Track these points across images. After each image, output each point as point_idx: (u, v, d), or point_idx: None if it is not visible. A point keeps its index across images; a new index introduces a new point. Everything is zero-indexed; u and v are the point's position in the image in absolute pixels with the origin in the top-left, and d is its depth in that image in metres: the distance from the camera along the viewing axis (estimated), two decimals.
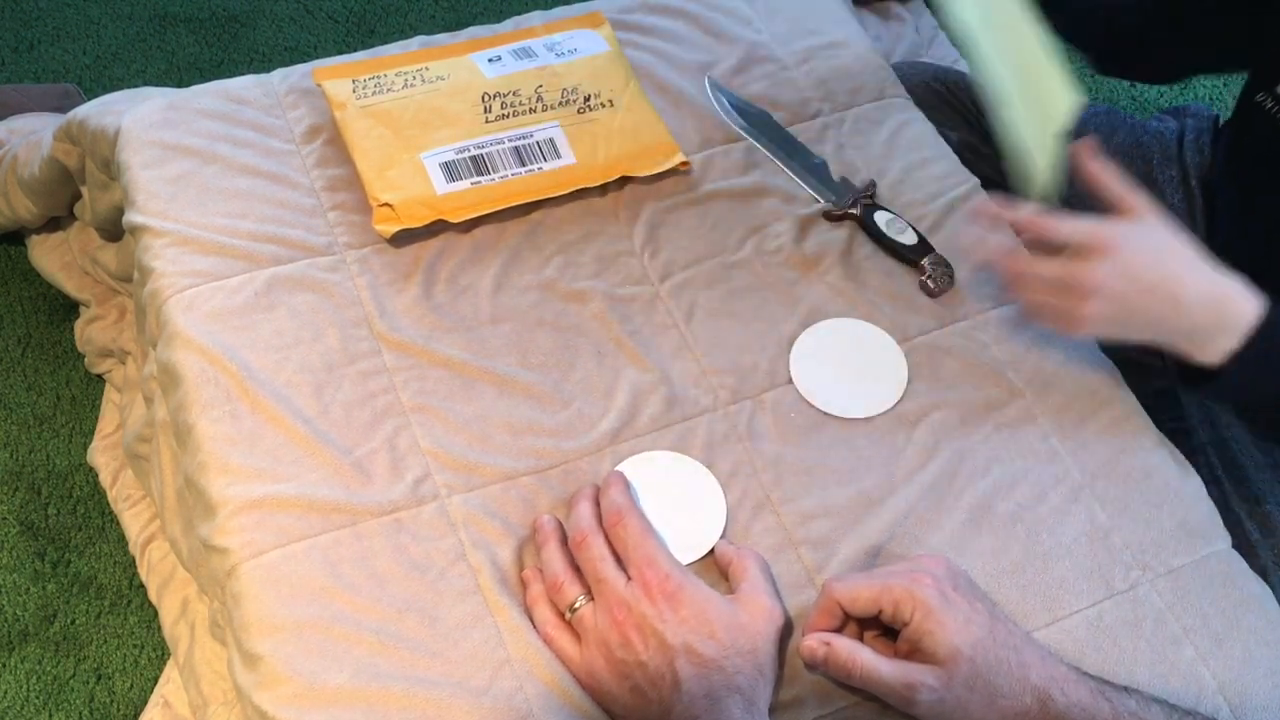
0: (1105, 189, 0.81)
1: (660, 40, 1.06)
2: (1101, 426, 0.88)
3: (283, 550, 0.75)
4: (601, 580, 0.72)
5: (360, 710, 0.70)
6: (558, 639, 0.73)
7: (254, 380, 0.81)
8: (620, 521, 0.74)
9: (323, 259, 0.89)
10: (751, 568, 0.75)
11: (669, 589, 0.69)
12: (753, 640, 0.69)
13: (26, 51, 1.57)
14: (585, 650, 0.71)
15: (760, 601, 0.72)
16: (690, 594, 0.70)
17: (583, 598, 0.73)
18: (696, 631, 0.68)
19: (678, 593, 0.69)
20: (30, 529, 1.21)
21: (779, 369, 0.88)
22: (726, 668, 0.67)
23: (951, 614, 0.69)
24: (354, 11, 1.68)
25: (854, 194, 0.97)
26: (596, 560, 0.73)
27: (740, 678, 0.67)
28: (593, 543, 0.74)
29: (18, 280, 1.37)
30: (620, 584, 0.71)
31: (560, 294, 0.90)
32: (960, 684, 0.68)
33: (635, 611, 0.69)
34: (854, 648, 0.70)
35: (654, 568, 0.71)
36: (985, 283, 0.95)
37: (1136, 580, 0.81)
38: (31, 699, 1.12)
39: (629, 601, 0.70)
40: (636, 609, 0.69)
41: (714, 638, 0.68)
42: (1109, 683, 0.72)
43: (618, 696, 0.70)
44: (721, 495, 0.81)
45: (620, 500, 0.76)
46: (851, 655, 0.69)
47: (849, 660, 0.69)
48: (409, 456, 0.80)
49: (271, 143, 0.95)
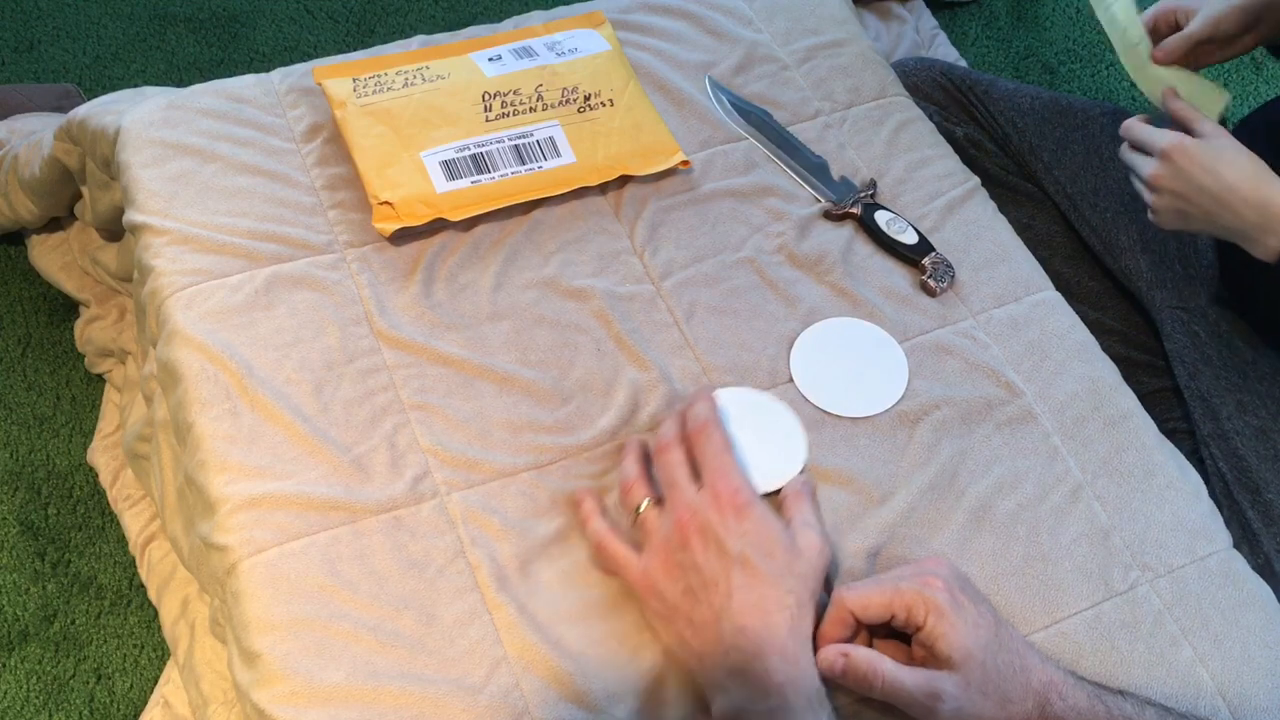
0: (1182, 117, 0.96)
1: (661, 40, 1.06)
2: (1102, 425, 0.88)
3: (282, 548, 0.75)
4: (674, 485, 0.74)
5: (357, 708, 0.70)
6: (612, 545, 0.74)
7: (254, 378, 0.81)
8: (702, 432, 0.76)
9: (322, 257, 0.89)
10: (805, 503, 0.76)
11: (738, 502, 0.71)
12: (807, 566, 0.71)
13: (26, 51, 1.57)
14: (645, 552, 0.73)
15: (811, 537, 0.73)
16: (758, 512, 0.71)
17: (648, 500, 0.74)
18: (757, 546, 0.69)
19: (746, 507, 0.71)
20: (30, 529, 1.21)
21: (779, 367, 0.88)
22: (781, 586, 0.68)
23: (962, 616, 0.69)
24: (354, 11, 1.68)
25: (854, 193, 0.97)
26: (673, 465, 0.75)
27: (791, 598, 0.68)
28: (673, 450, 0.76)
29: (18, 280, 1.37)
30: (691, 490, 0.73)
31: (560, 292, 0.90)
32: (975, 688, 0.68)
33: (700, 516, 0.71)
34: (874, 658, 0.69)
35: (726, 479, 0.72)
36: (986, 282, 0.95)
37: (1135, 581, 0.81)
38: (31, 699, 1.12)
39: (696, 506, 0.71)
40: (702, 514, 0.71)
41: (772, 556, 0.69)
42: (1105, 686, 0.73)
43: (669, 598, 0.71)
44: (804, 437, 0.83)
45: (705, 413, 0.77)
46: (873, 666, 0.68)
47: (870, 671, 0.68)
48: (408, 454, 0.80)
49: (271, 141, 0.95)
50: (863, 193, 0.97)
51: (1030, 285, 0.95)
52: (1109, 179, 1.15)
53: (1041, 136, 1.17)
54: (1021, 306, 0.94)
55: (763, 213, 0.96)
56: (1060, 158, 1.16)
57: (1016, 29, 1.79)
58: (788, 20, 1.10)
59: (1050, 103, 1.19)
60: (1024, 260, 0.97)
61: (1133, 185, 0.98)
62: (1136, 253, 1.11)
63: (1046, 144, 1.17)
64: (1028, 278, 0.96)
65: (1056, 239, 1.16)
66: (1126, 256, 1.12)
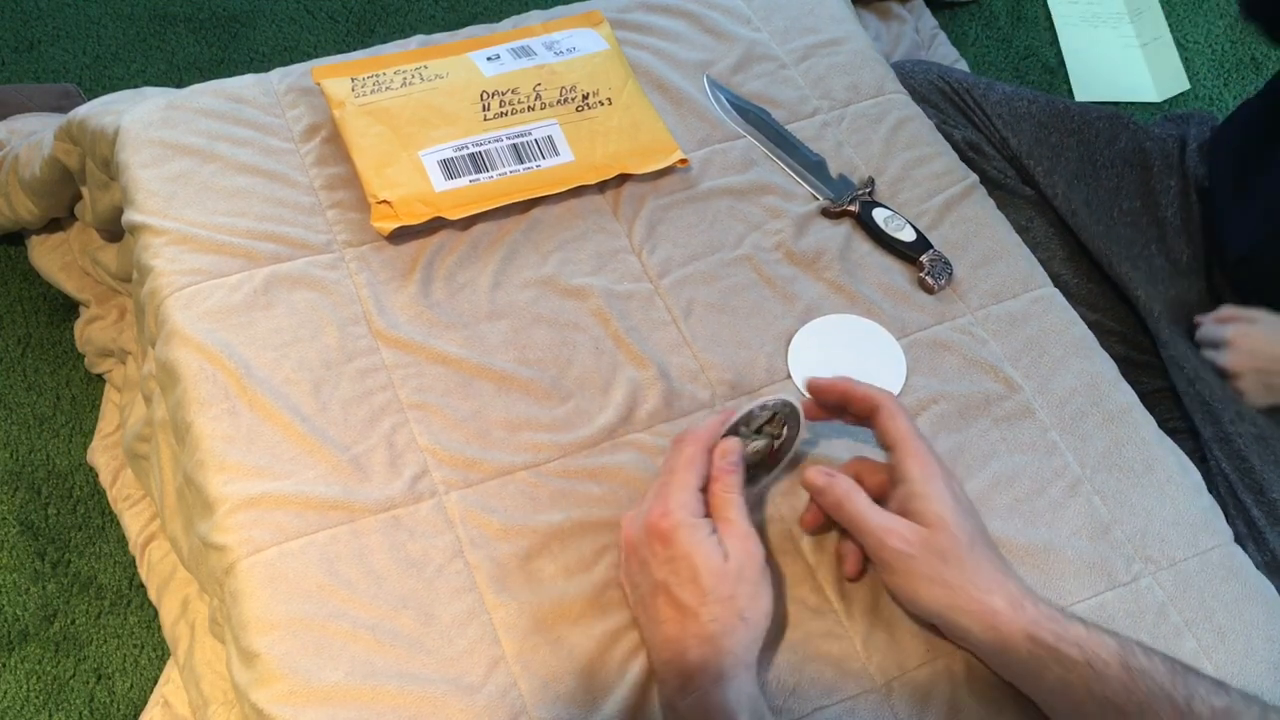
0: (1229, 313, 1.08)
1: (659, 39, 1.06)
2: (1100, 420, 0.88)
3: (280, 547, 0.75)
4: (643, 497, 0.75)
5: (355, 707, 0.70)
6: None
7: (252, 378, 0.81)
8: (673, 444, 0.76)
9: (321, 257, 0.89)
10: (734, 508, 0.73)
11: (663, 527, 0.70)
12: (733, 586, 0.69)
13: (26, 51, 1.57)
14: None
15: (736, 545, 0.70)
16: (683, 536, 0.70)
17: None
18: (677, 574, 0.69)
19: (671, 533, 0.70)
20: (30, 529, 1.21)
21: (777, 365, 0.88)
22: (702, 615, 0.68)
23: (951, 493, 0.71)
24: (354, 11, 1.68)
25: (852, 191, 0.97)
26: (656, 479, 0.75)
27: (715, 625, 0.68)
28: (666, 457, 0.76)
29: (18, 280, 1.37)
30: (644, 506, 0.73)
31: (558, 290, 0.90)
32: (935, 551, 0.69)
33: (634, 537, 0.73)
34: (852, 488, 0.73)
35: (662, 501, 0.71)
36: (984, 278, 0.95)
37: (1138, 573, 0.81)
38: (31, 699, 1.12)
39: (636, 525, 0.73)
40: (635, 535, 0.73)
41: (694, 582, 0.68)
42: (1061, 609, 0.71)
43: (629, 597, 0.74)
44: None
45: (692, 428, 0.76)
46: (848, 493, 0.72)
47: (844, 496, 0.72)
48: (407, 453, 0.80)
49: (270, 141, 0.95)
50: (860, 190, 0.97)
51: (1029, 282, 0.95)
52: (1101, 187, 1.15)
53: (1038, 141, 1.17)
54: (1020, 303, 0.94)
55: (761, 210, 0.96)
56: (1057, 164, 1.16)
57: (1016, 29, 1.79)
58: (786, 19, 1.10)
59: (1047, 106, 1.19)
60: (1022, 257, 0.97)
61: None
62: (1128, 264, 1.12)
63: (1043, 149, 1.17)
64: (1026, 274, 0.96)
65: (1054, 242, 1.17)
66: (1121, 264, 1.12)
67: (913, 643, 0.76)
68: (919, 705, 0.74)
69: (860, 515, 0.71)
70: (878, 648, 0.76)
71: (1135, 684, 0.66)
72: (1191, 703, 0.65)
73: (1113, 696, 0.66)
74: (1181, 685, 0.65)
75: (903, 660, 0.76)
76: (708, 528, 0.70)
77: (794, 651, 0.75)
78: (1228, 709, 0.65)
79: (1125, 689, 0.65)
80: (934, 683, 0.75)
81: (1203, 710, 0.64)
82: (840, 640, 0.76)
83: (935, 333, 0.91)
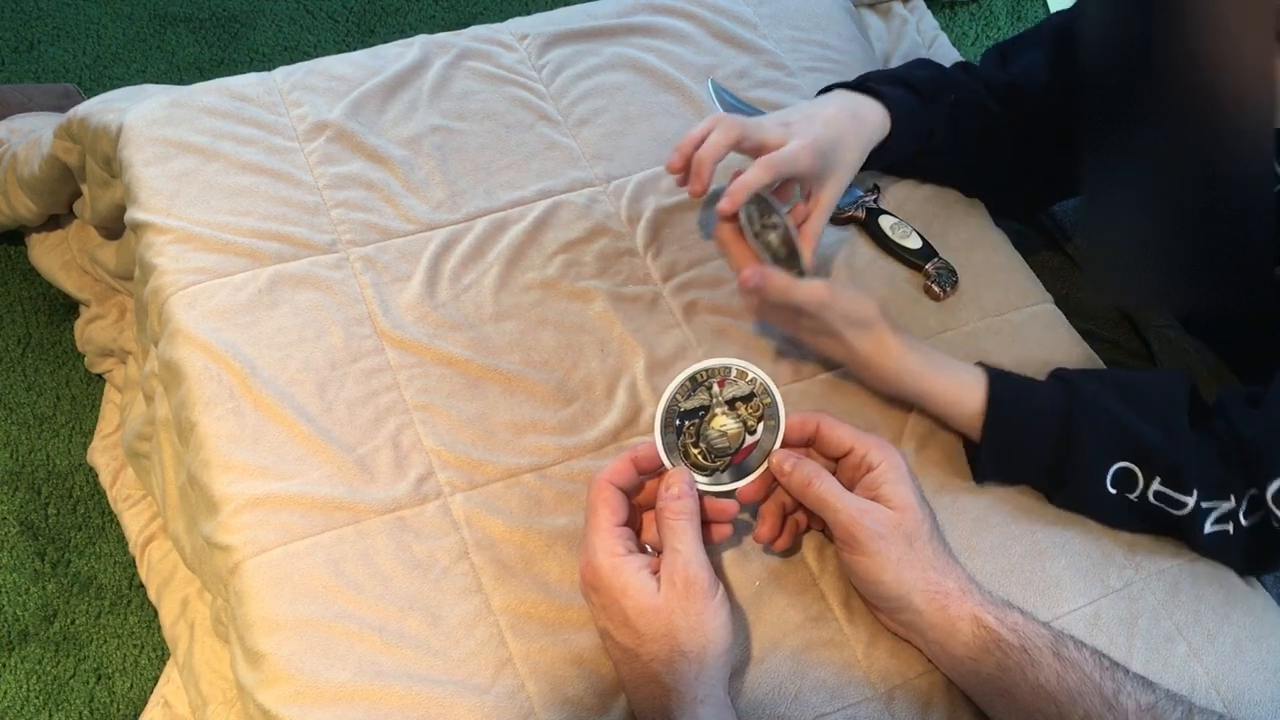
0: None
1: (665, 42, 1.06)
2: None
3: (285, 548, 0.75)
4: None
5: (362, 708, 0.70)
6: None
7: (257, 378, 0.81)
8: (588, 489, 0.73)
9: (326, 256, 0.88)
10: (679, 532, 0.71)
11: (587, 576, 0.71)
12: (667, 622, 0.68)
13: (26, 51, 1.57)
14: None
15: (677, 574, 0.69)
16: (606, 580, 0.69)
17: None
18: (612, 619, 0.70)
19: (594, 579, 0.70)
20: (30, 529, 1.21)
21: (782, 370, 0.88)
22: (642, 655, 0.68)
23: (912, 485, 0.74)
24: (354, 11, 1.68)
25: (858, 197, 0.97)
26: None
27: (655, 664, 0.68)
28: None
29: (18, 280, 1.36)
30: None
31: (563, 293, 0.89)
32: (904, 534, 0.71)
33: (580, 589, 0.73)
34: (819, 470, 0.74)
35: (584, 550, 0.71)
36: (987, 289, 0.94)
37: (1130, 579, 0.81)
38: (31, 699, 1.12)
39: (580, 569, 0.72)
40: (580, 587, 0.73)
41: (627, 625, 0.68)
42: (1002, 599, 0.74)
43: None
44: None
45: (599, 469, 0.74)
46: (817, 473, 0.73)
47: (814, 476, 0.73)
48: (412, 454, 0.80)
49: (274, 140, 0.94)
50: (866, 197, 0.97)
51: (1029, 296, 0.95)
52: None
53: None
54: (1021, 316, 0.94)
55: None
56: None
57: (1016, 29, 1.79)
58: (792, 28, 1.10)
59: None
60: (1023, 272, 0.97)
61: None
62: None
63: None
64: (1026, 289, 0.96)
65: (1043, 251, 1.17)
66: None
67: (914, 651, 0.76)
68: (919, 713, 0.74)
69: (832, 496, 0.72)
70: (879, 656, 0.76)
71: (1066, 673, 0.68)
72: (1119, 696, 0.67)
73: (1045, 683, 0.68)
74: (1110, 679, 0.68)
75: (904, 668, 0.76)
76: (634, 564, 0.69)
77: (796, 659, 0.75)
78: (1153, 706, 0.67)
79: (1057, 676, 0.68)
80: (934, 691, 0.75)
81: (1129, 704, 0.67)
82: (842, 648, 0.76)
83: (940, 340, 0.91)
